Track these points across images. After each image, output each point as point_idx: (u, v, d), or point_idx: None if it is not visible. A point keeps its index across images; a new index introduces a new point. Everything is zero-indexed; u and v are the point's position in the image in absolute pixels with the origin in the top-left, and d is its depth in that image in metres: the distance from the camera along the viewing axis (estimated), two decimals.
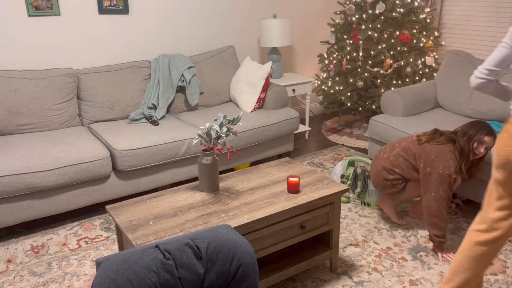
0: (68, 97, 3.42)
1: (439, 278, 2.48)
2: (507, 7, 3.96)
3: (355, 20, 4.30)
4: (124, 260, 1.34)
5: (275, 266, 2.36)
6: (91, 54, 3.74)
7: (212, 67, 3.97)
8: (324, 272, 2.56)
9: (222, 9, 4.28)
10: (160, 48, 4.04)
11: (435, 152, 2.61)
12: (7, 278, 2.54)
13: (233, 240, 1.47)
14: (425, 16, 4.27)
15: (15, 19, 3.36)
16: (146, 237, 1.96)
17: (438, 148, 2.62)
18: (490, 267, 2.57)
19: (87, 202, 3.04)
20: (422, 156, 2.66)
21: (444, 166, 2.56)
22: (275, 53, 4.40)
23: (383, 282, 2.46)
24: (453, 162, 2.56)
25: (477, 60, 3.58)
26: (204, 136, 2.30)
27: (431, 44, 4.30)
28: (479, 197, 2.94)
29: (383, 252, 2.72)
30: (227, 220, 2.09)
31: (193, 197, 2.31)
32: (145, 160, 3.11)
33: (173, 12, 4.02)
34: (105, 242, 2.88)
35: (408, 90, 3.63)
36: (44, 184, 2.81)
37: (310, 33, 4.98)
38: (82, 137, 3.17)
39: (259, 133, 3.54)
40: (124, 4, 3.75)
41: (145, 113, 3.54)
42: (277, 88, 3.84)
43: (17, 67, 3.46)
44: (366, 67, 4.26)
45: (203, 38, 4.24)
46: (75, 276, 2.55)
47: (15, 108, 3.21)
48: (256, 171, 2.63)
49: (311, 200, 2.26)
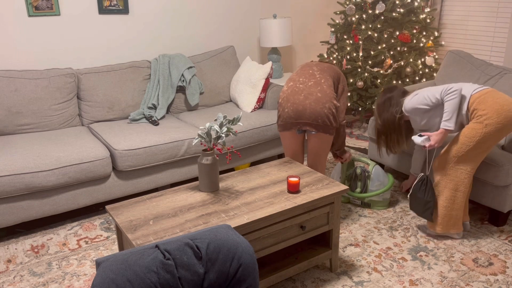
0: (68, 97, 3.42)
1: (439, 278, 2.48)
2: (507, 7, 3.96)
3: (355, 20, 4.30)
4: (124, 260, 1.34)
5: (275, 266, 2.36)
6: (91, 54, 3.74)
7: (212, 67, 3.97)
8: (324, 272, 2.56)
9: (222, 9, 4.28)
10: (160, 48, 4.04)
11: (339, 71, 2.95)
12: (7, 278, 2.54)
13: (233, 240, 1.47)
14: (425, 16, 4.27)
15: (15, 19, 3.36)
16: (146, 237, 1.96)
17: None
18: (490, 267, 2.57)
19: (87, 202, 3.04)
20: (336, 75, 2.89)
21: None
22: (275, 53, 4.40)
23: (383, 282, 2.46)
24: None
25: (477, 60, 3.58)
26: (204, 136, 2.30)
27: (431, 44, 4.30)
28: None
29: (383, 252, 2.72)
30: (227, 220, 2.09)
31: (193, 197, 2.31)
32: (145, 160, 3.11)
33: (173, 12, 4.02)
34: (105, 242, 2.88)
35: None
36: (44, 184, 2.81)
37: (310, 33, 4.98)
38: (82, 137, 3.17)
39: (259, 133, 3.54)
40: (124, 4, 3.75)
41: (145, 113, 3.54)
42: (277, 88, 3.84)
43: (17, 67, 3.46)
44: (366, 67, 4.26)
45: (203, 38, 4.25)
46: (75, 276, 2.55)
47: (15, 108, 3.21)
48: (256, 171, 2.63)
49: (311, 200, 2.26)
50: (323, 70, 2.86)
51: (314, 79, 2.78)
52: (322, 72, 2.84)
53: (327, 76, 2.82)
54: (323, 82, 2.77)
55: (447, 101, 2.62)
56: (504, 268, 2.56)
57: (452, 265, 2.59)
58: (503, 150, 2.90)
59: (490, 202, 2.90)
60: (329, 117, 2.70)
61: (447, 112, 2.62)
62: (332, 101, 2.70)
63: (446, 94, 2.63)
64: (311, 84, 2.76)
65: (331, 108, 2.69)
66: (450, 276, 2.49)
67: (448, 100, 2.61)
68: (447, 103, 2.62)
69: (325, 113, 2.68)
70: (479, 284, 2.43)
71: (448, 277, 2.49)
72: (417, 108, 2.76)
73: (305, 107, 2.71)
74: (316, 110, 2.69)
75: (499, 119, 2.54)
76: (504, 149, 2.91)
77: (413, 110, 2.79)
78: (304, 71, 2.87)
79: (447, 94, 2.63)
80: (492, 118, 2.55)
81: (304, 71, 2.87)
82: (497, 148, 2.92)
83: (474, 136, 2.58)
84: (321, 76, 2.80)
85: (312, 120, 2.71)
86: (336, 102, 2.73)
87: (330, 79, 2.82)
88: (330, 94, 2.72)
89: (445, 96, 2.63)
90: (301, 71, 2.88)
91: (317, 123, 2.71)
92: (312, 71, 2.85)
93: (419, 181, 2.78)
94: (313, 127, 2.73)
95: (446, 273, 2.52)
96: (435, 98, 2.67)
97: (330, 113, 2.69)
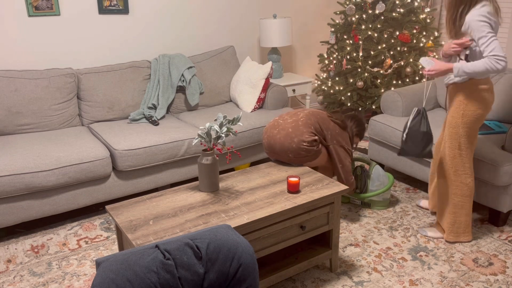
0: (68, 97, 3.42)
1: (439, 278, 2.48)
2: (507, 7, 3.96)
3: (355, 20, 4.30)
4: (124, 260, 1.34)
5: (275, 266, 2.36)
6: (91, 54, 3.74)
7: (212, 67, 3.97)
8: (324, 272, 2.56)
9: (222, 9, 4.28)
10: (160, 48, 4.04)
11: (339, 129, 2.87)
12: (7, 278, 2.54)
13: (233, 240, 1.47)
14: (425, 16, 4.27)
15: (15, 19, 3.36)
16: (146, 237, 1.96)
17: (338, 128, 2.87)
18: (490, 267, 2.57)
19: (87, 202, 3.04)
20: (330, 128, 2.82)
21: (347, 142, 2.89)
22: (275, 53, 4.40)
23: (383, 282, 2.46)
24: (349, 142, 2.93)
25: None
26: (204, 136, 2.30)
27: (431, 44, 4.30)
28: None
29: (383, 252, 2.72)
30: (227, 220, 2.09)
31: (193, 197, 2.31)
32: (145, 160, 3.11)
33: (173, 12, 4.02)
34: (105, 242, 2.88)
35: (408, 90, 3.63)
36: (44, 184, 2.81)
37: (310, 33, 4.98)
38: (82, 137, 3.17)
39: (259, 133, 3.54)
40: (124, 4, 3.75)
41: (145, 113, 3.54)
42: (277, 88, 3.84)
43: (17, 67, 3.46)
44: (366, 67, 4.26)
45: (203, 38, 4.24)
46: (75, 276, 2.55)
47: (15, 108, 3.21)
48: (256, 171, 2.63)
49: (311, 200, 2.26)
50: (312, 114, 2.81)
51: (295, 117, 2.78)
52: (310, 114, 2.80)
53: (311, 119, 2.76)
54: (302, 120, 2.74)
55: (482, 62, 2.34)
56: (504, 268, 2.56)
57: (452, 265, 2.59)
58: (503, 150, 2.91)
59: (490, 202, 2.90)
60: (300, 150, 2.67)
61: (472, 67, 2.37)
62: (301, 136, 2.66)
63: (491, 55, 2.32)
64: (289, 121, 2.76)
65: (300, 143, 2.65)
66: (450, 276, 2.50)
67: (484, 63, 2.34)
68: (481, 63, 2.34)
69: (294, 147, 2.66)
70: (479, 284, 2.43)
71: (448, 277, 2.49)
72: (475, 21, 2.37)
73: (276, 142, 2.72)
74: (284, 145, 2.69)
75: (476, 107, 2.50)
76: (504, 149, 2.91)
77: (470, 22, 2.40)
78: (293, 111, 2.89)
79: (491, 56, 2.32)
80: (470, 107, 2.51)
81: (293, 111, 2.89)
82: (497, 148, 2.92)
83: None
84: (304, 116, 2.78)
85: (284, 155, 2.71)
86: (307, 136, 2.67)
87: (315, 122, 2.76)
88: (302, 129, 2.69)
89: (488, 55, 2.33)
90: (292, 111, 2.91)
91: (290, 157, 2.71)
92: (300, 112, 2.84)
93: (415, 115, 2.69)
94: (289, 161, 2.74)
95: (446, 273, 2.52)
96: (486, 36, 2.34)
97: (299, 147, 2.66)
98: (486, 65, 2.33)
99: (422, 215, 3.12)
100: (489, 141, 3.00)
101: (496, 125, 3.23)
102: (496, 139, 3.03)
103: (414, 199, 3.34)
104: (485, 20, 2.34)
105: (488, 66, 2.32)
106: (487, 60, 2.33)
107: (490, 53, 2.32)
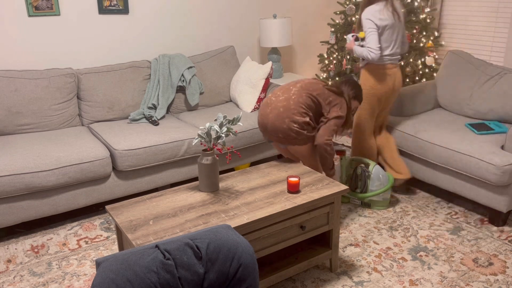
0: (68, 97, 3.42)
1: (439, 278, 2.48)
2: (507, 7, 3.96)
3: (355, 20, 4.30)
4: (124, 260, 1.34)
5: (275, 266, 2.36)
6: (91, 54, 3.74)
7: (212, 67, 3.97)
8: (324, 272, 2.56)
9: (222, 9, 4.28)
10: (160, 48, 4.04)
11: (334, 96, 2.82)
12: (7, 278, 2.54)
13: (233, 240, 1.47)
14: (425, 16, 4.27)
15: (15, 19, 3.36)
16: (146, 237, 1.96)
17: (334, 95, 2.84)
18: (490, 267, 2.57)
19: (87, 202, 3.04)
20: (325, 96, 2.79)
21: (344, 109, 2.82)
22: (275, 53, 4.40)
23: (383, 282, 2.46)
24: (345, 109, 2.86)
25: (477, 60, 3.58)
26: (204, 136, 2.30)
27: (431, 44, 4.30)
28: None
29: (383, 252, 2.72)
30: (227, 220, 2.09)
31: (193, 197, 2.32)
32: (145, 160, 3.11)
33: (173, 12, 4.02)
34: (105, 242, 2.88)
35: (408, 90, 3.63)
36: (44, 184, 2.81)
37: (310, 33, 4.98)
38: (82, 137, 3.17)
39: (259, 133, 3.54)
40: (124, 4, 3.75)
41: (145, 113, 3.54)
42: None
43: (17, 67, 3.46)
44: None
45: (203, 38, 4.24)
46: (75, 276, 2.55)
47: (15, 108, 3.21)
48: (256, 171, 2.63)
49: (311, 200, 2.26)
50: (305, 88, 2.74)
51: (286, 94, 2.73)
52: (302, 89, 2.73)
53: (304, 93, 2.71)
54: (293, 98, 2.69)
55: (362, 49, 3.03)
56: (504, 268, 2.56)
57: (452, 265, 2.59)
58: (503, 150, 2.91)
59: (490, 202, 2.90)
60: (290, 131, 2.66)
61: (358, 51, 3.06)
62: (292, 117, 2.64)
63: (366, 46, 3.00)
64: (281, 99, 2.72)
65: (290, 124, 2.64)
66: (450, 276, 2.50)
67: (362, 50, 3.03)
68: (361, 49, 3.04)
69: (284, 128, 2.65)
70: (479, 284, 2.43)
71: (448, 277, 2.49)
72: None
73: (268, 121, 2.71)
74: (275, 125, 2.68)
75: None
76: (504, 149, 2.91)
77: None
78: (287, 85, 2.82)
79: (367, 47, 3.00)
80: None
81: (287, 85, 2.82)
82: (497, 148, 2.92)
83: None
84: (296, 92, 2.72)
85: (274, 134, 2.71)
86: (298, 117, 2.64)
87: (307, 97, 2.71)
88: (293, 109, 2.65)
89: (365, 46, 3.02)
90: (285, 85, 2.84)
91: (279, 137, 2.70)
92: (293, 86, 2.77)
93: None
94: (278, 141, 2.73)
95: (446, 273, 2.52)
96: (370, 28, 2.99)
97: (290, 128, 2.65)
98: (363, 52, 3.02)
99: (422, 215, 3.12)
100: (489, 141, 3.00)
101: (496, 125, 3.23)
102: (496, 139, 3.03)
103: (414, 199, 3.34)
104: (369, 18, 3.00)
105: (364, 54, 3.02)
106: (364, 49, 3.03)
107: (366, 45, 3.02)
